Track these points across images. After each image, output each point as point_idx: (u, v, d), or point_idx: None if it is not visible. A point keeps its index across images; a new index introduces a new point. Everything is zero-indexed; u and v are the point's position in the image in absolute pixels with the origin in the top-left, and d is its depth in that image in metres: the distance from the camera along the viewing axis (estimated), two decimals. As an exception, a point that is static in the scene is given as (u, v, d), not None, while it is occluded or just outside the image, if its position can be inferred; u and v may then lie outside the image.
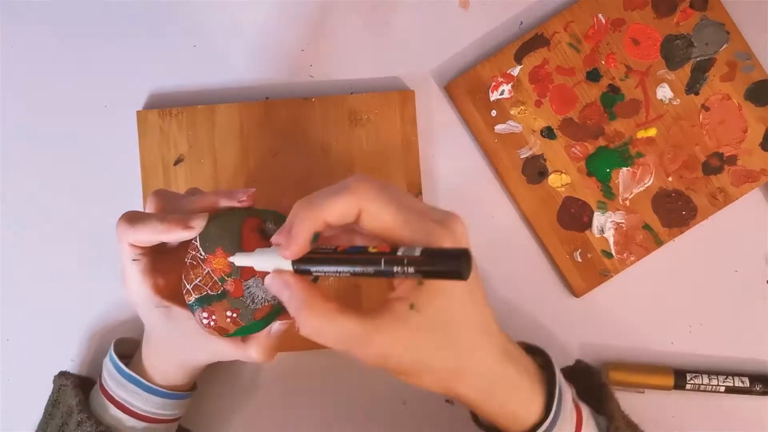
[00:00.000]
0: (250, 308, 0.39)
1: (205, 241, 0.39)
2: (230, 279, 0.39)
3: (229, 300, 0.39)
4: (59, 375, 0.50)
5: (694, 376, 0.53)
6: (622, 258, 0.54)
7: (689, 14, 0.55)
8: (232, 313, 0.39)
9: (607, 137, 0.55)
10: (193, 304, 0.39)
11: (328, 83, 0.56)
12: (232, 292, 0.39)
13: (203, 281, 0.39)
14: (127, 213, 0.40)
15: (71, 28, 0.56)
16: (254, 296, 0.39)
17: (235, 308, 0.39)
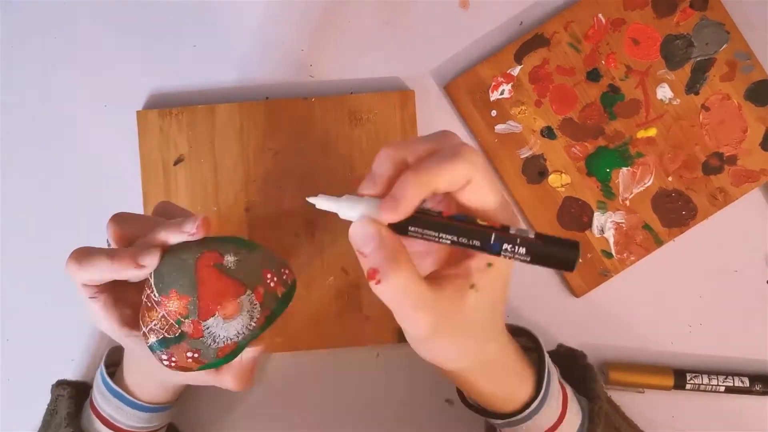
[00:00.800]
0: (211, 348, 0.37)
1: (159, 282, 0.37)
2: (188, 321, 0.37)
3: (188, 341, 0.37)
4: (57, 384, 0.49)
5: (694, 376, 0.53)
6: (622, 258, 0.54)
7: (689, 14, 0.55)
8: (192, 354, 0.37)
9: (607, 137, 0.55)
10: (151, 346, 0.37)
11: (328, 83, 0.56)
12: (191, 334, 0.37)
13: (159, 324, 0.37)
14: (76, 251, 0.37)
15: (71, 28, 0.56)
16: (215, 336, 0.37)
17: (195, 349, 0.37)
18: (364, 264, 0.33)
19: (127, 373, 0.46)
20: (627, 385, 0.54)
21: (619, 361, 0.55)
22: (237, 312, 0.37)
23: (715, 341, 0.56)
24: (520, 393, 0.41)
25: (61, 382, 0.50)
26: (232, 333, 0.37)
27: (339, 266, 0.54)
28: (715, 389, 0.54)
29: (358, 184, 0.55)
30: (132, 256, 0.36)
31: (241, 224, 0.54)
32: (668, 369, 0.54)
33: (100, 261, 0.36)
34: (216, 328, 0.37)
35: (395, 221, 0.32)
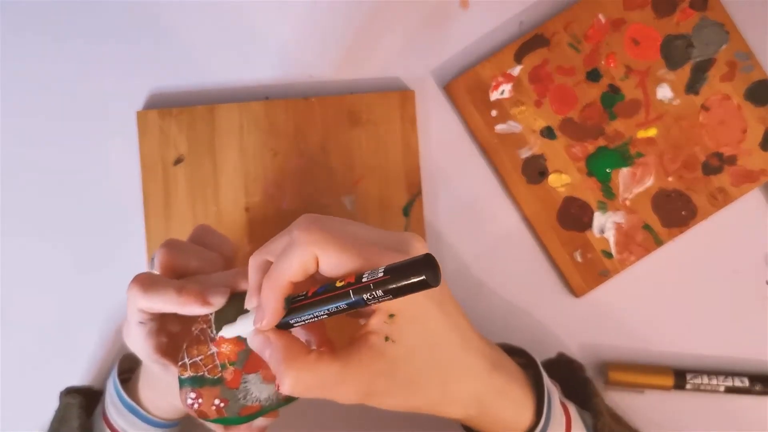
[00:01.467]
0: (239, 403, 0.38)
1: (221, 321, 0.37)
2: (232, 367, 0.37)
3: (222, 388, 0.37)
4: (66, 392, 0.49)
5: (693, 376, 0.53)
6: (622, 258, 0.55)
7: (689, 14, 0.55)
8: (219, 402, 0.37)
9: (607, 137, 0.55)
10: (184, 380, 0.37)
11: (328, 83, 0.56)
12: (229, 382, 0.37)
13: (204, 361, 0.37)
14: (142, 277, 0.38)
15: (71, 29, 0.56)
16: (248, 392, 0.38)
17: (224, 398, 0.37)
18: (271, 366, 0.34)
19: (143, 388, 0.45)
20: (627, 386, 0.54)
21: (619, 361, 0.55)
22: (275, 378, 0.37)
23: (715, 341, 0.56)
24: (521, 419, 0.39)
25: (70, 389, 0.49)
26: (263, 396, 0.38)
27: None
28: (715, 389, 0.54)
29: (358, 185, 0.55)
30: (201, 294, 0.37)
31: (241, 224, 0.54)
32: (668, 369, 0.54)
33: (167, 293, 0.37)
34: (252, 385, 0.38)
35: (270, 328, 0.34)
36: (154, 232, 0.53)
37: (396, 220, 0.54)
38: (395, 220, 0.54)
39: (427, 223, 0.55)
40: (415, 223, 0.54)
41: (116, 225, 0.54)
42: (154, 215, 0.54)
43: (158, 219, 0.54)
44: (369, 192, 0.54)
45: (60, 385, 0.53)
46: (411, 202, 0.54)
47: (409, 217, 0.54)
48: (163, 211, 0.54)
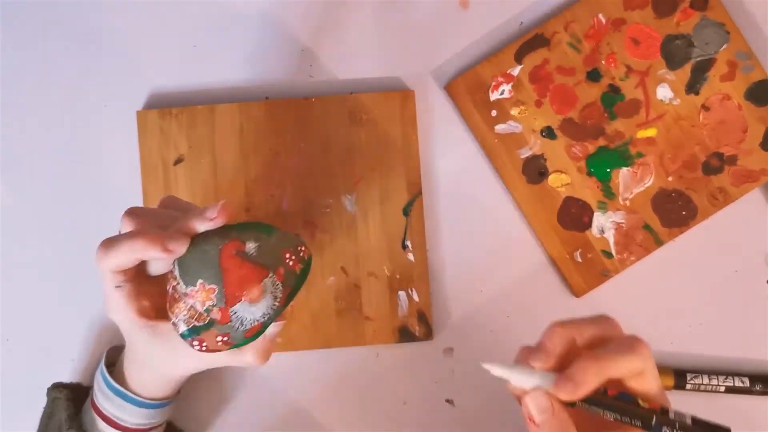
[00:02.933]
0: (239, 330, 0.39)
1: (185, 274, 0.38)
2: (215, 308, 0.38)
3: (217, 327, 0.39)
4: (53, 387, 0.49)
5: (694, 376, 0.53)
6: (622, 258, 0.54)
7: (689, 14, 0.55)
8: (222, 337, 0.39)
9: (607, 137, 0.55)
10: (182, 335, 0.39)
11: (328, 83, 0.56)
12: (220, 320, 0.38)
13: (189, 314, 0.39)
14: (104, 241, 0.39)
15: (71, 28, 0.56)
16: (243, 319, 0.39)
17: (224, 333, 0.39)
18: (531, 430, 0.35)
19: (128, 370, 0.46)
20: None
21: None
22: (261, 295, 0.39)
23: (715, 341, 0.56)
24: None
25: (56, 384, 0.50)
26: (258, 315, 0.39)
27: (339, 266, 0.54)
28: (715, 389, 0.54)
29: (358, 185, 0.55)
30: (160, 239, 0.37)
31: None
32: (668, 369, 0.54)
33: (126, 241, 0.38)
34: (243, 313, 0.39)
35: (571, 401, 0.35)
36: (154, 232, 0.54)
37: (396, 220, 0.54)
38: (395, 220, 0.54)
39: (427, 223, 0.55)
40: (415, 223, 0.54)
41: (116, 225, 0.54)
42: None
43: (158, 219, 0.54)
44: (369, 192, 0.54)
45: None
46: (411, 202, 0.54)
47: (409, 217, 0.54)
48: (163, 211, 0.54)
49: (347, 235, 0.54)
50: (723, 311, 0.56)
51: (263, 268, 0.39)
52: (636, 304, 0.56)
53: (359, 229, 0.54)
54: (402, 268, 0.54)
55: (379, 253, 0.54)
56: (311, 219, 0.54)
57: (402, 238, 0.54)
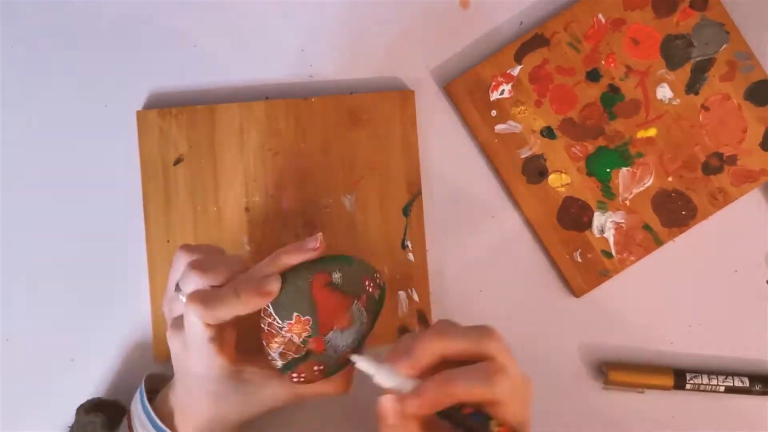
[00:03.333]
0: (333, 358, 0.41)
1: (280, 309, 0.40)
2: (311, 339, 0.40)
3: (313, 357, 0.41)
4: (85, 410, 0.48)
5: (693, 376, 0.53)
6: (622, 258, 0.54)
7: (689, 14, 0.55)
8: (318, 366, 0.41)
9: (607, 137, 0.55)
10: (281, 369, 0.41)
11: (328, 83, 0.56)
12: (315, 350, 0.41)
13: (286, 348, 0.40)
14: (196, 294, 0.39)
15: (71, 28, 0.56)
16: (336, 347, 0.41)
17: (320, 362, 0.41)
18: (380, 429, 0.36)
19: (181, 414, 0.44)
20: (626, 386, 0.54)
21: (618, 361, 0.55)
22: (351, 322, 0.41)
23: (715, 341, 0.56)
24: None
25: (88, 408, 0.48)
26: (349, 341, 0.41)
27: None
28: (715, 389, 0.54)
29: (358, 185, 0.55)
30: (257, 287, 0.39)
31: (241, 224, 0.54)
32: (668, 369, 0.54)
33: (227, 299, 0.39)
34: (336, 340, 0.41)
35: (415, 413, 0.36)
36: (154, 232, 0.53)
37: (396, 220, 0.54)
38: (395, 220, 0.54)
39: (427, 223, 0.55)
40: (415, 223, 0.54)
41: (116, 225, 0.54)
42: (154, 215, 0.54)
43: (158, 219, 0.54)
44: (369, 192, 0.54)
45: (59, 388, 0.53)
46: (411, 202, 0.54)
47: (409, 217, 0.54)
48: (163, 211, 0.54)
49: (347, 235, 0.54)
50: (723, 311, 0.56)
51: (350, 296, 0.41)
52: (636, 304, 0.56)
53: (359, 229, 0.54)
54: (402, 268, 0.54)
55: (379, 253, 0.54)
56: (311, 219, 0.54)
57: (402, 238, 0.54)
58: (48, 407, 0.53)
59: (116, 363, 0.54)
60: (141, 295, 0.53)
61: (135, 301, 0.54)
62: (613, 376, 0.54)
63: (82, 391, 0.51)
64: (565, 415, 0.55)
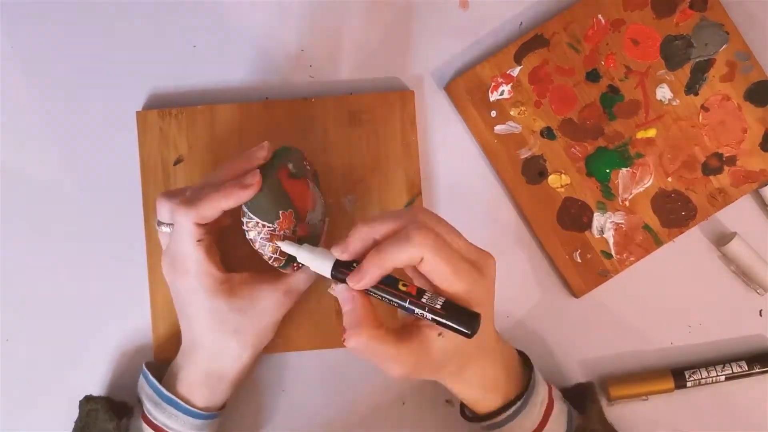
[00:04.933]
0: (316, 235, 0.47)
1: (265, 213, 0.42)
2: (297, 227, 0.44)
3: (303, 241, 0.44)
4: (86, 399, 0.49)
5: (692, 373, 0.54)
6: (622, 258, 0.55)
7: (689, 15, 0.55)
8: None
9: (606, 138, 0.55)
10: (284, 266, 0.44)
11: (328, 83, 0.56)
12: (303, 235, 0.45)
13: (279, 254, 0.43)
14: (182, 198, 0.42)
15: (71, 28, 0.56)
16: (314, 226, 0.47)
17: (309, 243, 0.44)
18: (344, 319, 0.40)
19: (188, 378, 0.47)
20: (630, 397, 0.54)
21: (617, 371, 0.55)
22: (315, 199, 0.46)
23: (715, 341, 0.56)
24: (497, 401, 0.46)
25: (90, 397, 0.49)
26: (320, 216, 0.47)
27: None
28: (716, 380, 0.54)
29: (358, 184, 0.55)
30: (237, 182, 0.41)
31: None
32: (666, 371, 0.54)
33: (209, 195, 0.41)
34: (312, 220, 0.46)
35: (358, 289, 0.39)
36: (154, 232, 0.53)
37: (396, 221, 0.54)
38: (395, 221, 0.54)
39: (426, 223, 0.55)
40: (414, 224, 0.54)
41: (116, 225, 0.54)
42: (155, 215, 0.54)
43: (158, 219, 0.54)
44: (369, 192, 0.54)
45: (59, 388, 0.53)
46: (411, 202, 0.54)
47: (408, 218, 0.54)
48: (163, 211, 0.54)
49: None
50: (723, 311, 0.56)
51: (305, 179, 0.46)
52: (635, 304, 0.56)
53: (359, 229, 0.54)
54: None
55: (379, 253, 0.54)
56: (311, 219, 0.54)
57: (402, 239, 0.54)
58: (48, 407, 0.53)
59: (116, 363, 0.54)
60: (141, 295, 0.53)
61: (135, 301, 0.54)
62: (614, 392, 0.54)
63: (82, 391, 0.51)
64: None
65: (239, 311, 0.45)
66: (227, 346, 0.46)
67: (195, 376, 0.47)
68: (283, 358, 0.54)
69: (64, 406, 0.50)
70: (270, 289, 0.46)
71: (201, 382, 0.47)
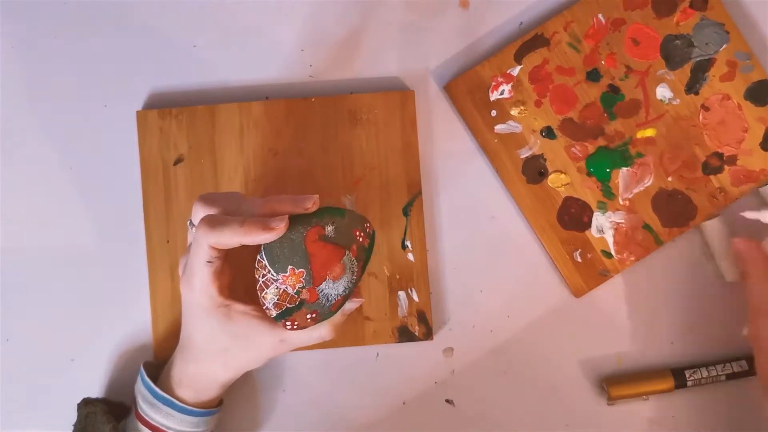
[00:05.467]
0: (326, 306, 0.43)
1: (275, 262, 0.42)
2: (305, 289, 0.42)
3: (306, 306, 0.42)
4: (84, 403, 0.49)
5: (693, 372, 0.53)
6: (622, 258, 0.55)
7: (689, 14, 0.55)
8: (311, 314, 0.43)
9: (607, 137, 0.55)
10: (275, 318, 0.43)
11: (328, 83, 0.56)
12: (308, 299, 0.42)
13: (281, 298, 0.42)
14: (208, 218, 0.42)
15: (71, 28, 0.56)
16: (328, 296, 0.43)
17: (313, 311, 0.43)
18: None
19: (179, 370, 0.47)
20: (629, 397, 0.54)
21: (617, 371, 0.55)
22: (342, 272, 0.43)
23: (715, 341, 0.56)
24: None
25: (87, 400, 0.50)
26: (340, 290, 0.43)
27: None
28: (716, 379, 0.54)
29: (358, 185, 0.55)
30: (260, 221, 0.41)
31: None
32: (666, 371, 0.54)
33: (232, 226, 0.41)
34: (328, 290, 0.43)
35: None
36: (154, 232, 0.54)
37: (396, 220, 0.54)
38: (395, 220, 0.54)
39: (427, 223, 0.55)
40: (414, 223, 0.54)
41: (116, 225, 0.54)
42: (154, 215, 0.54)
43: (158, 219, 0.54)
44: (369, 192, 0.54)
45: (59, 388, 0.53)
46: (411, 202, 0.54)
47: (409, 217, 0.54)
48: (163, 211, 0.54)
49: (347, 235, 0.54)
50: (723, 310, 0.56)
51: (341, 248, 0.43)
52: (635, 304, 0.56)
53: (359, 229, 0.54)
54: (402, 268, 0.54)
55: (379, 253, 0.54)
56: (311, 219, 0.54)
57: (402, 238, 0.54)
58: (48, 407, 0.53)
59: (116, 363, 0.54)
60: (141, 295, 0.54)
61: (135, 301, 0.54)
62: (613, 392, 0.53)
63: (82, 391, 0.51)
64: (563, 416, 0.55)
65: (232, 336, 0.45)
66: (213, 361, 0.46)
67: (185, 375, 0.47)
68: (283, 358, 0.54)
69: (63, 407, 0.50)
70: (268, 331, 0.45)
71: (190, 381, 0.47)
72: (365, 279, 0.53)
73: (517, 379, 0.55)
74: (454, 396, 0.54)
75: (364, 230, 0.45)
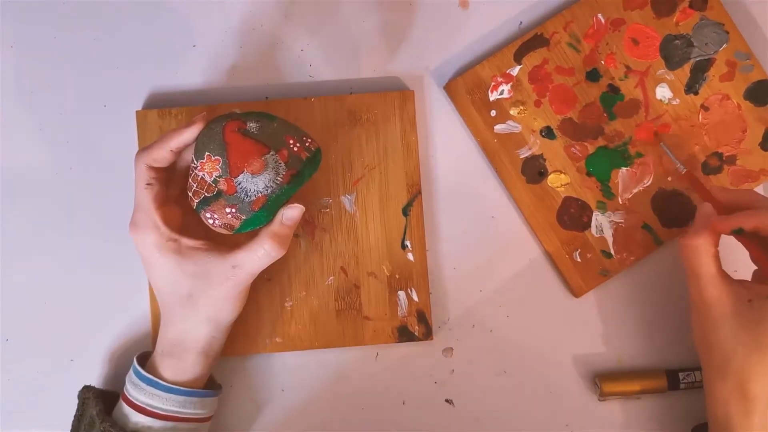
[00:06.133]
0: (245, 202, 0.44)
1: (196, 151, 0.44)
2: (222, 179, 0.43)
3: (224, 198, 0.44)
4: (83, 389, 0.49)
5: (686, 375, 0.53)
6: (622, 258, 0.55)
7: (689, 14, 0.55)
8: (230, 209, 0.44)
9: (606, 137, 0.55)
10: (197, 208, 0.45)
11: (328, 83, 0.56)
12: (226, 190, 0.44)
13: (199, 186, 0.44)
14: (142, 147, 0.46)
15: (71, 28, 0.56)
16: (247, 190, 0.44)
17: (232, 204, 0.44)
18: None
19: (159, 343, 0.48)
20: (622, 395, 0.54)
21: (611, 370, 0.55)
22: (263, 168, 0.44)
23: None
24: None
25: (87, 386, 0.50)
26: (261, 186, 0.44)
27: (338, 266, 0.54)
28: None
29: (358, 185, 0.55)
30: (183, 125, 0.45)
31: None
32: (660, 371, 0.54)
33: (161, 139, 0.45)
34: (246, 183, 0.44)
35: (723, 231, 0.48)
36: (154, 232, 0.54)
37: (396, 220, 0.54)
38: (395, 220, 0.54)
39: (426, 223, 0.55)
40: (414, 223, 0.54)
41: (116, 225, 0.54)
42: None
43: (158, 219, 0.54)
44: (369, 192, 0.54)
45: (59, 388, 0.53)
46: (411, 202, 0.55)
47: (408, 217, 0.54)
48: (163, 211, 0.54)
49: (347, 235, 0.54)
50: (722, 311, 0.56)
51: (264, 146, 0.44)
52: (636, 304, 0.56)
53: (359, 229, 0.54)
54: (401, 268, 0.54)
55: (379, 252, 0.54)
56: (311, 218, 0.54)
57: (402, 238, 0.54)
58: (48, 407, 0.53)
59: (116, 362, 0.54)
60: (141, 294, 0.54)
61: (135, 300, 0.54)
62: (606, 388, 0.53)
63: (83, 390, 0.51)
64: (563, 417, 0.55)
65: (191, 276, 0.46)
66: (183, 312, 0.47)
67: (165, 342, 0.47)
68: (283, 358, 0.54)
69: (63, 407, 0.50)
70: (219, 260, 0.46)
71: (170, 347, 0.47)
72: (365, 279, 0.54)
73: (517, 379, 0.55)
74: (454, 396, 0.54)
75: (301, 142, 0.46)
